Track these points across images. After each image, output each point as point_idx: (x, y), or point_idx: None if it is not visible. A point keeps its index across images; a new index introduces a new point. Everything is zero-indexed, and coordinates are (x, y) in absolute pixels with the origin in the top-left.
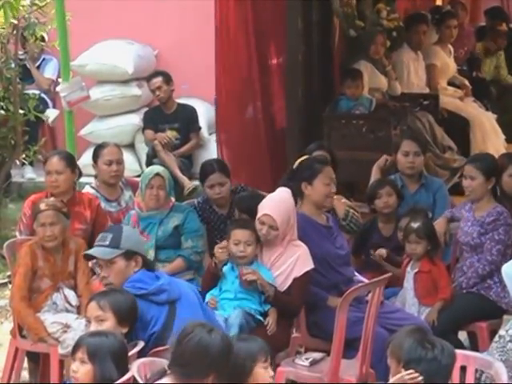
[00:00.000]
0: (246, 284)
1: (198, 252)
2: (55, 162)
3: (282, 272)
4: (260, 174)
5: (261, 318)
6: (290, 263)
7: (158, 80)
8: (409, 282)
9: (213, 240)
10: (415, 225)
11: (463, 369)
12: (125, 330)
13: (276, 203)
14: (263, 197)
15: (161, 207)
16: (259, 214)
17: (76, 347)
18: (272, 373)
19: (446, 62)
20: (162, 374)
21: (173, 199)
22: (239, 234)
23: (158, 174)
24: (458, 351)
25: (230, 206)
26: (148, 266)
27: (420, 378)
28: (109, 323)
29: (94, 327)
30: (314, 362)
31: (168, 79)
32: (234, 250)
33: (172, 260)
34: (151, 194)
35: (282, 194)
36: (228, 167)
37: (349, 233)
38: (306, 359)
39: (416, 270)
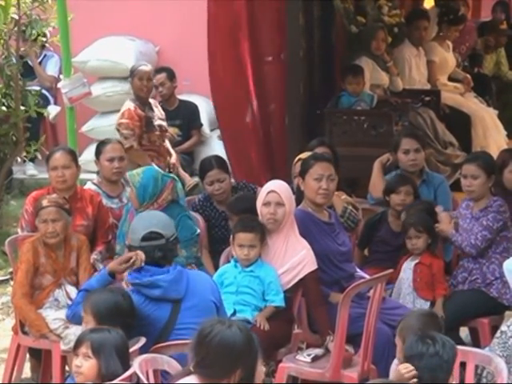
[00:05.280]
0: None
1: (193, 262)
2: (61, 157)
3: (288, 270)
4: (260, 172)
5: None
6: (294, 262)
7: (161, 76)
8: (405, 272)
9: (213, 237)
10: (412, 219)
11: (463, 365)
12: None
13: (276, 182)
14: (255, 199)
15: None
16: (262, 198)
17: (79, 342)
18: (264, 368)
19: (445, 57)
20: (186, 373)
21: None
22: (243, 238)
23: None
24: (457, 347)
25: None
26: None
27: (414, 371)
28: (90, 326)
29: (82, 329)
30: (315, 358)
31: (172, 76)
32: (238, 252)
33: None
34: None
35: (275, 180)
36: (227, 163)
37: (347, 230)
38: (308, 355)
39: (416, 261)
